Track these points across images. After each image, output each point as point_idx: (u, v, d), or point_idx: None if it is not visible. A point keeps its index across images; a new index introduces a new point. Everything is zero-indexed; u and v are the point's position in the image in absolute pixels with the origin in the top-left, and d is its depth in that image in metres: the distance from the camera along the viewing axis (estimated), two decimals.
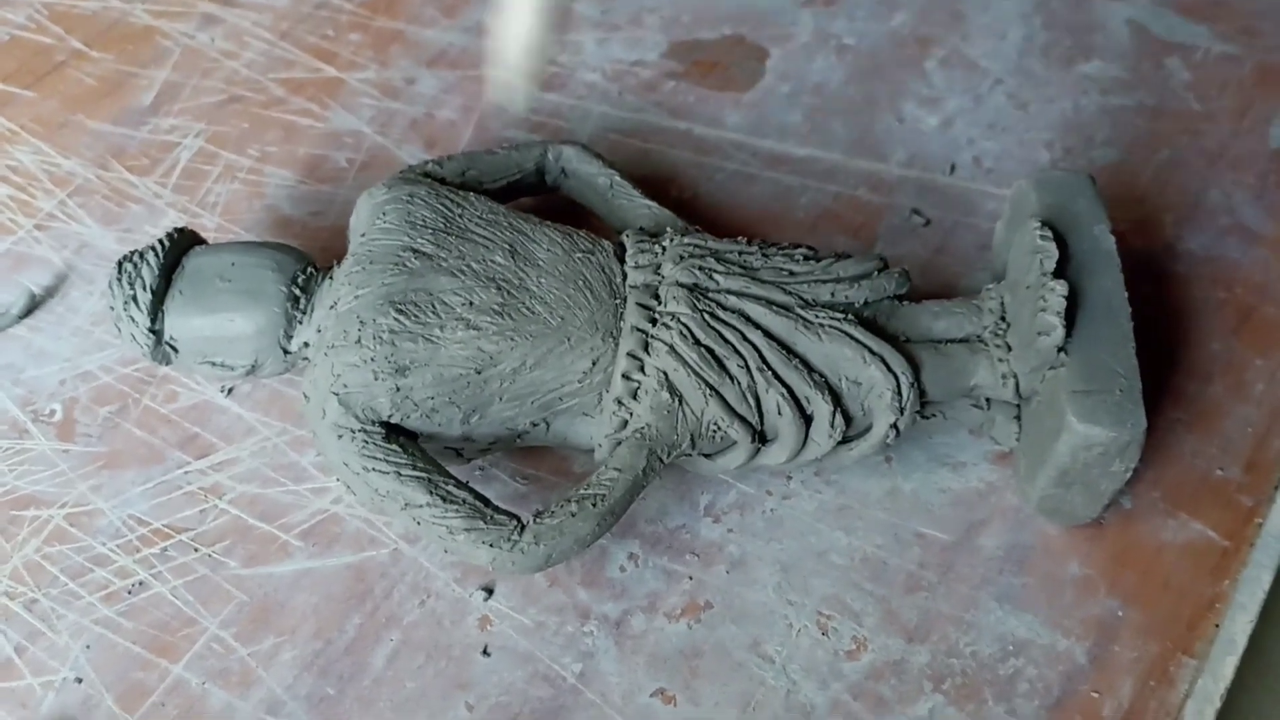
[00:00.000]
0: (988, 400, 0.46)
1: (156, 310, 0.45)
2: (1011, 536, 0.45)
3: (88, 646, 0.43)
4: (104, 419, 0.48)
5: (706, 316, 0.43)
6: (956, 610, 0.44)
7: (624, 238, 0.46)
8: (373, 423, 0.42)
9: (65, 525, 0.46)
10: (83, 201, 0.55)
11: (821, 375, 0.43)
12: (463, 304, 0.43)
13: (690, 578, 0.45)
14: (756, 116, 0.58)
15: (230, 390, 0.49)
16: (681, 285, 0.44)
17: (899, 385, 0.43)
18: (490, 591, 0.44)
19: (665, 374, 0.43)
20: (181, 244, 0.47)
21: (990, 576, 0.45)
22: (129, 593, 0.44)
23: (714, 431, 0.43)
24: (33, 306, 0.51)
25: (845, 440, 0.44)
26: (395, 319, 0.42)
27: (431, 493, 0.41)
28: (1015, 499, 0.46)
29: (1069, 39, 0.61)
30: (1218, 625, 0.44)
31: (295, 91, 0.59)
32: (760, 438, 0.43)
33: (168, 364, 0.46)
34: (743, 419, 0.43)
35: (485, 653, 0.43)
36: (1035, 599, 0.44)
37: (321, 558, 0.45)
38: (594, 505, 0.41)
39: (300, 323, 0.45)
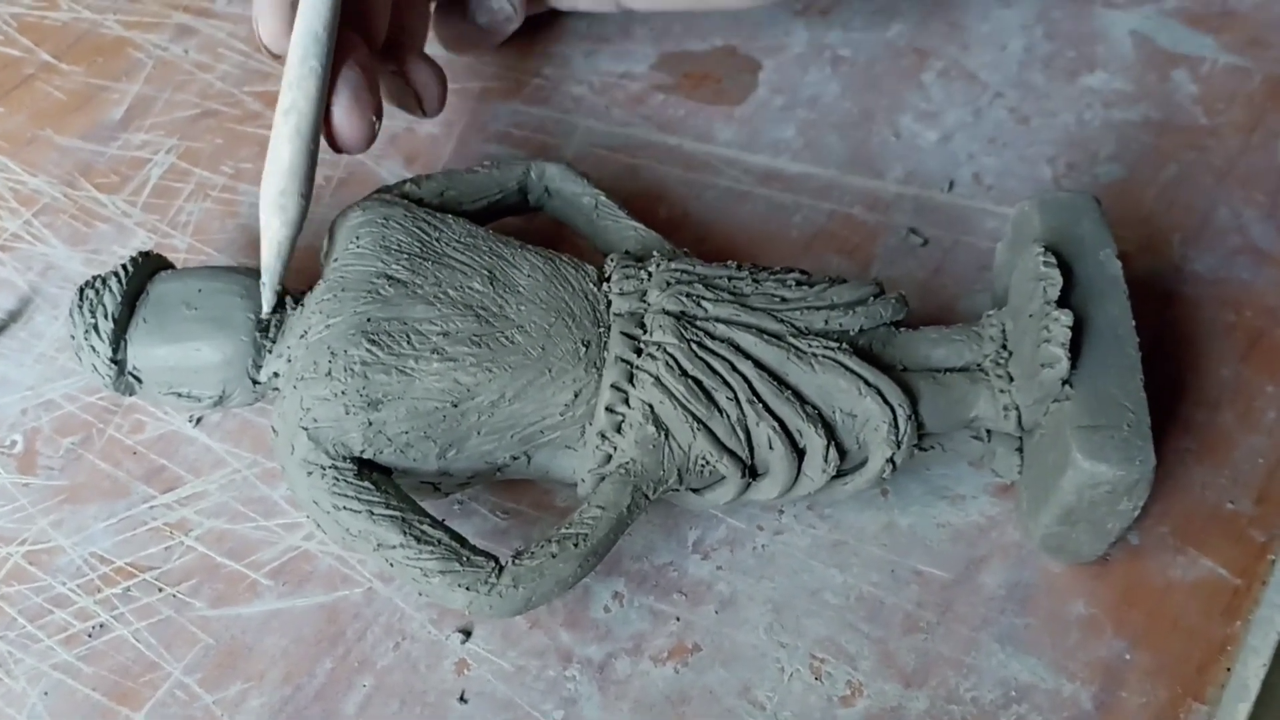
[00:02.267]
0: (988, 432, 0.44)
1: (119, 339, 0.43)
2: (1013, 574, 0.44)
3: (45, 693, 0.41)
4: (66, 450, 0.46)
5: (694, 346, 0.41)
6: (956, 653, 0.42)
7: (608, 263, 0.44)
8: (344, 458, 0.40)
9: (24, 564, 0.44)
10: (49, 221, 0.53)
11: (815, 407, 0.41)
12: (438, 333, 0.41)
13: (678, 618, 0.43)
14: (749, 131, 0.56)
15: (198, 420, 0.47)
16: (668, 313, 0.42)
17: (896, 418, 0.41)
18: (468, 634, 0.42)
19: (651, 407, 0.41)
20: (146, 269, 0.45)
21: (991, 617, 0.43)
22: (89, 635, 0.42)
23: (702, 466, 0.41)
24: None
25: (839, 475, 0.42)
26: (368, 350, 0.41)
27: (405, 533, 0.39)
28: (1017, 534, 0.44)
29: (1071, 50, 0.59)
30: (1229, 669, 0.42)
31: (272, 105, 0.56)
32: (750, 472, 0.41)
33: (131, 394, 0.44)
34: (732, 453, 0.41)
35: (462, 699, 0.41)
36: (1039, 641, 0.42)
37: (292, 597, 0.43)
38: (576, 545, 0.39)
39: (270, 352, 0.43)
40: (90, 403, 0.48)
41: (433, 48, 0.54)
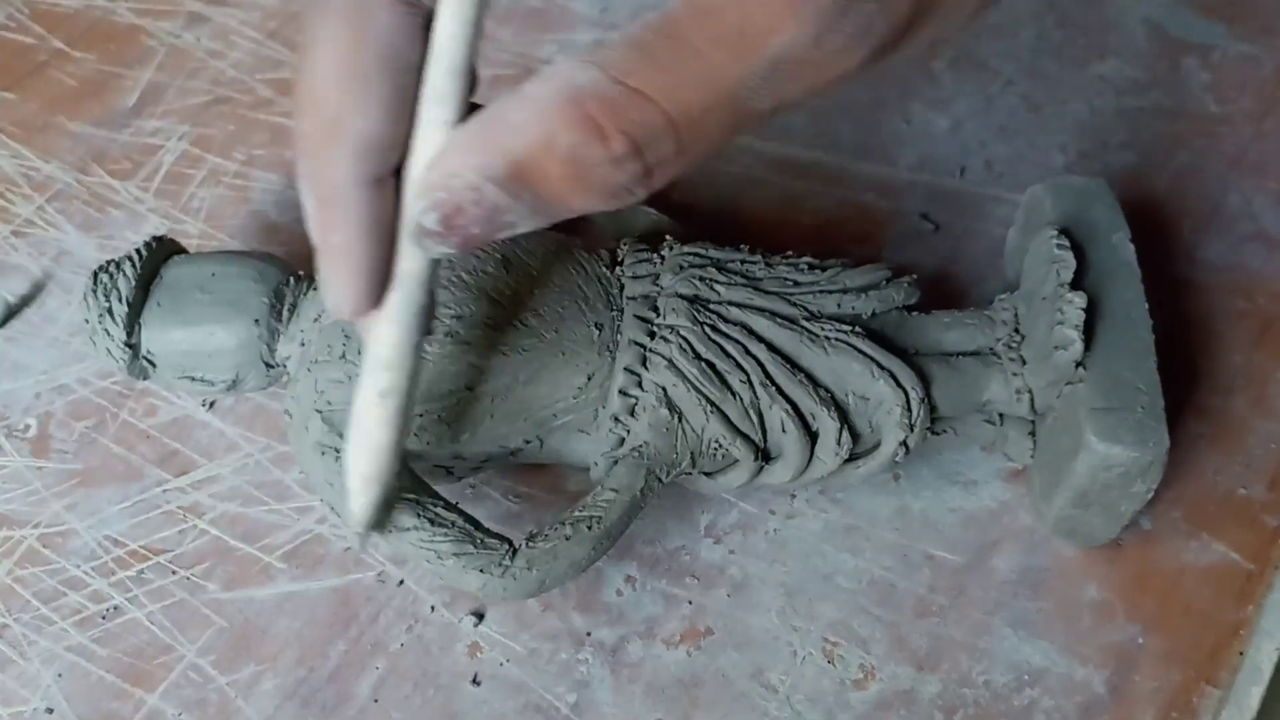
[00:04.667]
0: (1001, 416, 0.44)
1: (133, 323, 0.43)
2: (1025, 558, 0.44)
3: (59, 675, 0.41)
4: (80, 434, 0.47)
5: (707, 329, 0.41)
6: (968, 637, 0.42)
7: (621, 247, 0.44)
8: None
9: (38, 546, 0.44)
10: (62, 207, 0.53)
11: (827, 390, 0.41)
12: (453, 317, 0.41)
13: (690, 602, 0.43)
14: None
15: (211, 404, 0.47)
16: (681, 297, 0.42)
17: (908, 401, 0.41)
18: (481, 616, 0.43)
19: (664, 390, 0.41)
20: (160, 253, 0.45)
21: (1004, 600, 0.43)
22: (103, 618, 0.42)
23: (715, 449, 0.41)
24: (9, 316, 0.50)
25: (852, 458, 0.42)
26: None
27: (419, 516, 0.39)
28: (1029, 519, 0.44)
29: (1083, 38, 0.59)
30: (1242, 653, 0.42)
31: (283, 92, 0.57)
32: (763, 455, 0.41)
33: (145, 378, 0.44)
34: (745, 436, 0.41)
35: (475, 681, 0.41)
36: (1051, 625, 0.42)
37: (305, 580, 0.43)
38: (589, 528, 0.39)
39: (283, 335, 0.43)
40: (103, 387, 0.48)
41: None
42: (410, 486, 0.40)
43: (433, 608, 0.43)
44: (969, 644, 0.42)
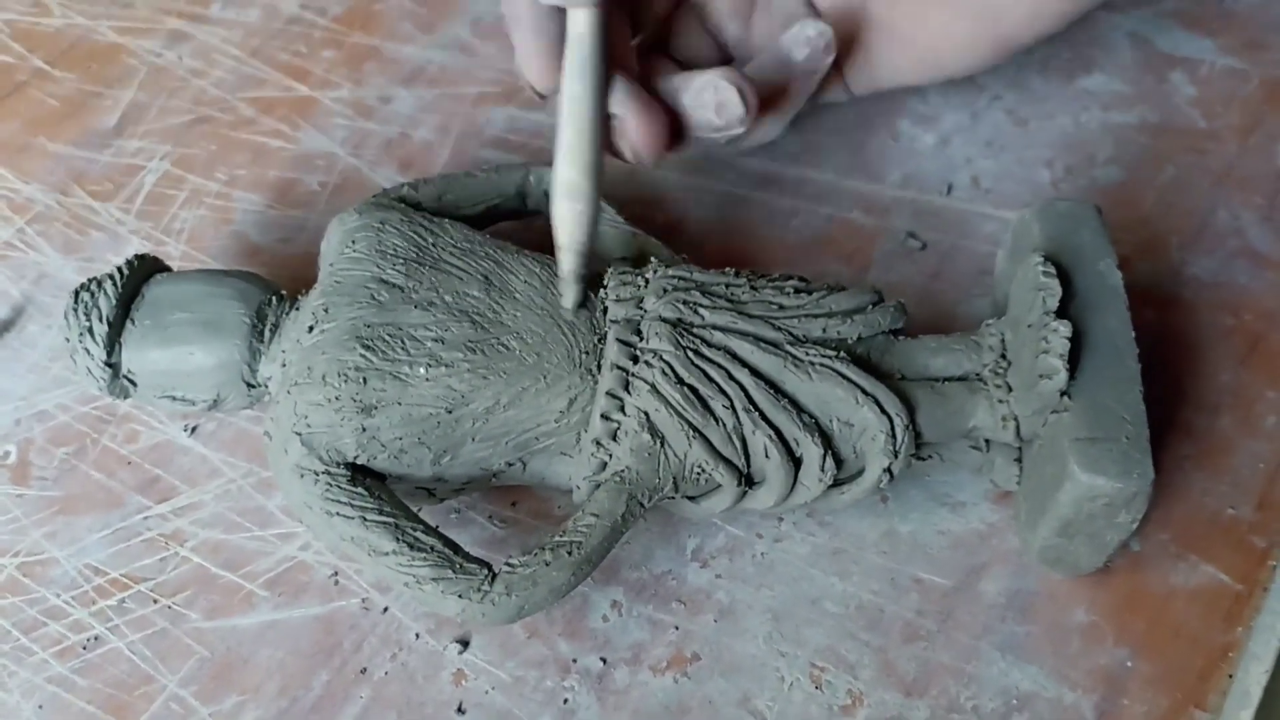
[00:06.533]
0: (987, 442, 0.43)
1: (113, 342, 0.43)
2: (1014, 582, 0.43)
3: (40, 707, 0.41)
4: (60, 461, 0.46)
5: (690, 354, 0.41)
6: (957, 661, 0.42)
7: (605, 268, 0.44)
8: (338, 464, 0.40)
9: (18, 576, 0.44)
10: (42, 229, 0.53)
11: (811, 416, 0.41)
12: (433, 339, 0.41)
13: (676, 627, 0.43)
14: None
15: (194, 429, 0.47)
16: (664, 320, 0.42)
17: (893, 428, 0.40)
18: (466, 644, 0.42)
19: (646, 414, 0.40)
20: (142, 272, 0.45)
21: (992, 625, 0.42)
22: (84, 648, 0.42)
23: (698, 474, 0.41)
24: None
25: (836, 484, 0.42)
26: (362, 355, 0.40)
27: (398, 540, 0.39)
28: (1017, 541, 0.44)
29: (1069, 52, 0.59)
30: (1231, 676, 0.41)
31: (266, 111, 0.57)
32: (746, 481, 0.41)
33: (126, 397, 0.44)
34: (728, 461, 0.41)
35: (460, 710, 0.41)
36: (1040, 649, 0.42)
37: (288, 609, 0.43)
38: (569, 553, 0.39)
39: (264, 356, 0.43)
40: (84, 412, 0.47)
41: None
42: (390, 509, 0.40)
43: (417, 635, 0.42)
44: (957, 669, 0.42)
